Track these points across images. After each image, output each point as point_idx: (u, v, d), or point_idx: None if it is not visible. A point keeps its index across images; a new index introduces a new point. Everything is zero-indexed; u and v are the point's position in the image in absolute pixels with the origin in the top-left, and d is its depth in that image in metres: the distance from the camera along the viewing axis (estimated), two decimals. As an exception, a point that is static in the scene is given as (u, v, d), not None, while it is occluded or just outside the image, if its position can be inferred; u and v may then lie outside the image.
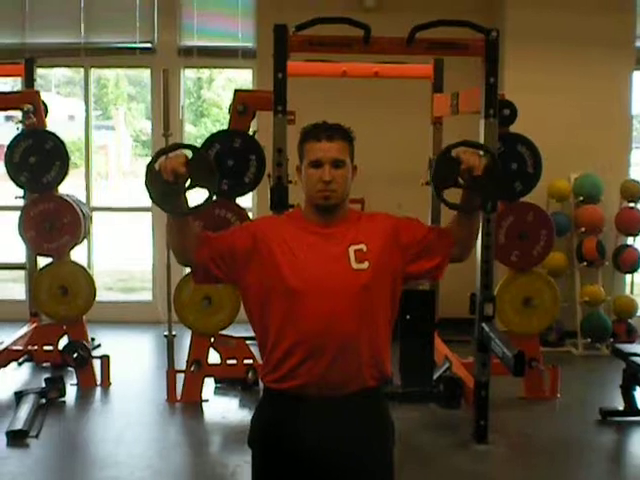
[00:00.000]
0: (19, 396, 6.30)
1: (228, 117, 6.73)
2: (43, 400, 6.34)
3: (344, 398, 2.80)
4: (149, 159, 2.75)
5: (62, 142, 6.93)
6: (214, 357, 6.63)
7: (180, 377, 6.58)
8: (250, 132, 6.65)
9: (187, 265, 2.98)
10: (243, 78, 10.30)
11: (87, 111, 9.42)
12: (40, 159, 6.84)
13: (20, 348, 7.11)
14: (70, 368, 6.96)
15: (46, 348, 7.05)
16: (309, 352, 2.76)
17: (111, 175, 21.00)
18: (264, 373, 2.90)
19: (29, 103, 6.93)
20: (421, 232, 2.94)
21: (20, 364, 7.07)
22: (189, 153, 2.75)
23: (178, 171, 2.68)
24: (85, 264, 7.93)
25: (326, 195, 2.81)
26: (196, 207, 2.82)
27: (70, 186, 7.36)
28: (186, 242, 2.86)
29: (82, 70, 9.44)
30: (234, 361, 6.62)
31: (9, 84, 10.18)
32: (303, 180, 2.87)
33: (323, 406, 2.79)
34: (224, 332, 6.61)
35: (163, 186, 2.70)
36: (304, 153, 2.85)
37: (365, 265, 2.80)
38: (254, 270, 2.83)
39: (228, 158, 6.49)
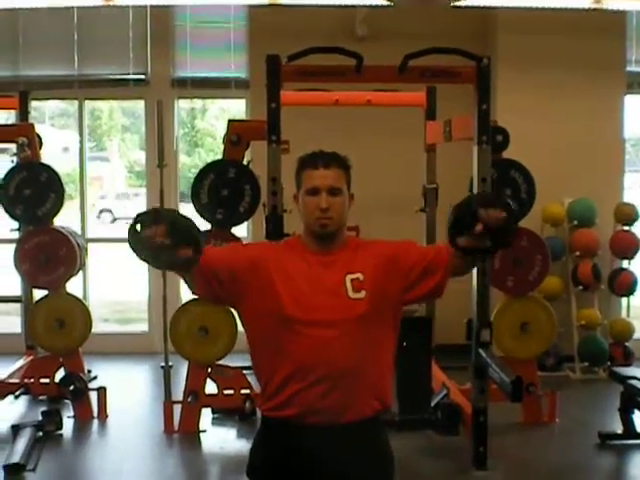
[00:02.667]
0: (16, 429, 6.27)
1: (222, 147, 6.76)
2: (40, 433, 6.30)
3: (343, 427, 2.78)
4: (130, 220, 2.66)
5: (57, 174, 6.93)
6: (211, 387, 6.61)
7: (177, 408, 6.55)
8: (244, 162, 6.67)
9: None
10: (236, 108, 10.34)
11: (81, 142, 9.44)
12: (35, 191, 6.85)
13: (16, 381, 7.08)
14: (67, 401, 6.92)
15: (42, 381, 7.02)
16: (306, 381, 2.75)
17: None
18: (262, 402, 2.89)
19: (23, 136, 6.94)
20: (420, 254, 2.94)
21: (16, 397, 7.03)
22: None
23: (161, 243, 2.56)
24: (81, 296, 7.93)
25: (323, 223, 2.81)
26: (185, 262, 2.66)
27: (65, 218, 7.35)
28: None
29: (76, 102, 9.47)
30: (231, 391, 6.60)
31: (3, 117, 10.20)
32: (301, 208, 2.88)
33: (322, 435, 2.78)
34: (221, 362, 6.60)
35: (148, 250, 2.63)
36: (301, 181, 2.86)
37: (362, 294, 2.80)
38: (253, 295, 2.83)
39: (223, 188, 6.52)
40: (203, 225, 6.64)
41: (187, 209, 7.67)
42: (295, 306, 2.77)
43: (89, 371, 7.47)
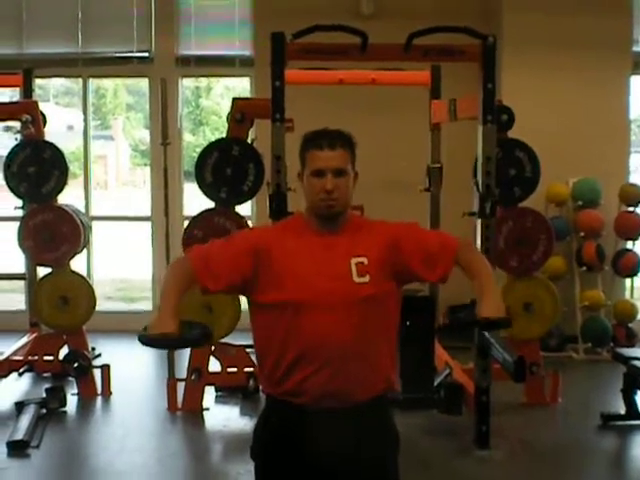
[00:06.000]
0: (20, 406, 6.30)
1: (226, 125, 6.74)
2: (44, 410, 6.34)
3: (348, 409, 2.79)
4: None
5: (61, 152, 6.94)
6: (215, 365, 6.62)
7: (181, 386, 6.57)
8: (249, 140, 6.66)
9: None
10: (241, 86, 10.32)
11: (86, 121, 9.44)
12: (39, 169, 6.85)
13: (20, 358, 7.11)
14: (71, 378, 6.95)
15: (46, 358, 7.04)
16: (312, 366, 2.76)
17: (110, 184, 21.04)
18: (267, 386, 2.89)
19: (27, 113, 6.94)
20: (422, 241, 2.93)
21: (21, 374, 7.06)
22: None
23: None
24: (85, 274, 7.93)
25: (329, 204, 2.80)
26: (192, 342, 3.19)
27: (69, 196, 7.35)
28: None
29: (80, 80, 9.45)
30: (235, 369, 6.62)
31: (7, 95, 10.18)
32: (305, 188, 2.86)
33: (328, 417, 2.78)
34: (224, 340, 6.61)
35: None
36: (306, 161, 2.84)
37: (366, 279, 2.79)
38: (260, 285, 2.82)
39: (227, 166, 6.50)
40: (207, 204, 6.65)
41: (191, 188, 7.68)
42: (299, 291, 2.76)
43: (93, 349, 7.50)
